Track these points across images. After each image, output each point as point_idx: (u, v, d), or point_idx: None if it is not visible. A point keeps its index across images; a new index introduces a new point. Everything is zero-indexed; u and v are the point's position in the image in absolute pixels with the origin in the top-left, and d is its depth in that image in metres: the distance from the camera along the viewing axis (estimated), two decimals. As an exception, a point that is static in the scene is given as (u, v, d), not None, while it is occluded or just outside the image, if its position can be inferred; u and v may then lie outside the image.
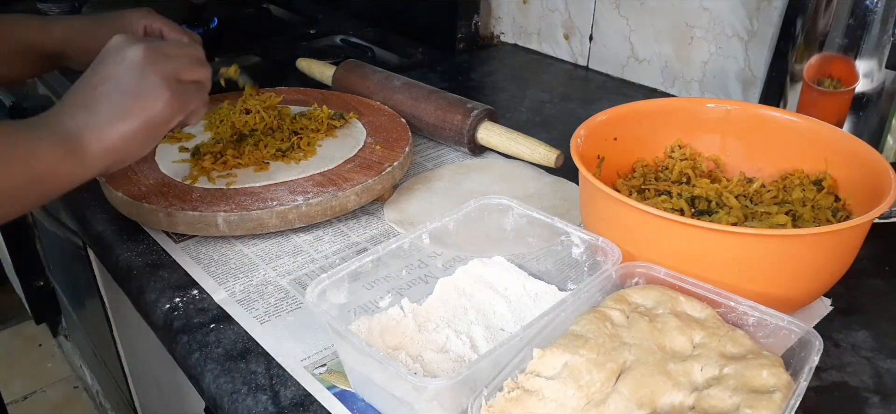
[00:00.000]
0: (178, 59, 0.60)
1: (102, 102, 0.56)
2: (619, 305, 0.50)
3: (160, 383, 0.96)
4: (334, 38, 1.31)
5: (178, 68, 0.60)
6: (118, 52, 0.58)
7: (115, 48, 0.59)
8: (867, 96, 0.68)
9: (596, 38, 1.15)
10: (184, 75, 0.61)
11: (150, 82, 0.58)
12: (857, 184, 0.60)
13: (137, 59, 0.58)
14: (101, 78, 0.57)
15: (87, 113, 0.56)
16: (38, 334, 1.97)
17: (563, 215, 0.66)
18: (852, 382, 0.53)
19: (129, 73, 0.57)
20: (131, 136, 0.57)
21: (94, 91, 0.57)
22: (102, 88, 0.57)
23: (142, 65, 0.58)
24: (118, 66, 0.58)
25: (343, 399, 0.51)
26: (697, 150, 0.70)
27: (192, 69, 0.62)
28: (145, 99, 0.57)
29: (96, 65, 0.59)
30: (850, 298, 0.62)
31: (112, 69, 0.58)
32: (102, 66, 0.58)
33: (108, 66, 0.58)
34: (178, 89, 0.59)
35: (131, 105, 0.57)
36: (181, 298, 0.61)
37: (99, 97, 0.57)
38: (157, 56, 0.59)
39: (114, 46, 0.59)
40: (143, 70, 0.58)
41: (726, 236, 0.50)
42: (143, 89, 0.57)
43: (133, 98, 0.57)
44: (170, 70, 0.59)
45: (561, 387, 0.43)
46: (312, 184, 0.70)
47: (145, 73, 0.58)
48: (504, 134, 0.82)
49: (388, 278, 0.58)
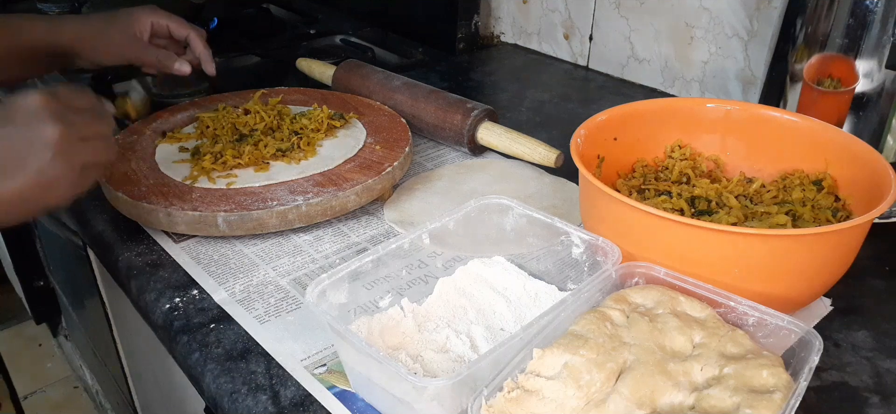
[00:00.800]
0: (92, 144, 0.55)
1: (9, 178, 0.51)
2: (619, 305, 0.50)
3: (160, 383, 0.96)
4: (334, 38, 1.31)
5: (89, 155, 0.55)
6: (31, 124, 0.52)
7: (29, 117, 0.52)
8: (867, 96, 0.68)
9: (596, 38, 1.15)
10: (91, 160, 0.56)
11: (56, 172, 0.53)
12: (857, 184, 0.60)
13: (49, 143, 0.52)
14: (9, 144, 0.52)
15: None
16: (38, 334, 1.97)
17: (563, 215, 0.66)
18: (852, 382, 0.53)
19: (36, 157, 0.52)
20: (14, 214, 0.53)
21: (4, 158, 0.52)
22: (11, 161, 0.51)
23: (53, 151, 0.52)
24: (24, 143, 0.52)
25: (343, 399, 0.51)
26: (697, 150, 0.70)
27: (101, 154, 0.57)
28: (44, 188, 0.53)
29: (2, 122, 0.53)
30: (850, 298, 0.62)
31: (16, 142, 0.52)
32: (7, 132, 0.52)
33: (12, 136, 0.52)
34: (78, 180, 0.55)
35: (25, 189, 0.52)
36: (181, 298, 0.61)
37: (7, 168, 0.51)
38: (71, 144, 0.53)
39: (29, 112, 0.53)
40: (52, 157, 0.52)
41: (726, 236, 0.50)
42: (44, 179, 0.52)
43: (30, 184, 0.52)
44: (81, 158, 0.54)
45: (561, 387, 0.43)
46: (312, 184, 0.70)
47: (54, 161, 0.52)
48: (504, 134, 0.82)
49: (388, 278, 0.58)
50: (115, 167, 0.72)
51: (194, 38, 0.88)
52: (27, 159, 0.52)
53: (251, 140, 0.77)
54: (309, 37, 1.32)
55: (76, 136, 0.54)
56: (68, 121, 0.53)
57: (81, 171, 0.54)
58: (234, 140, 0.78)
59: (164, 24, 0.86)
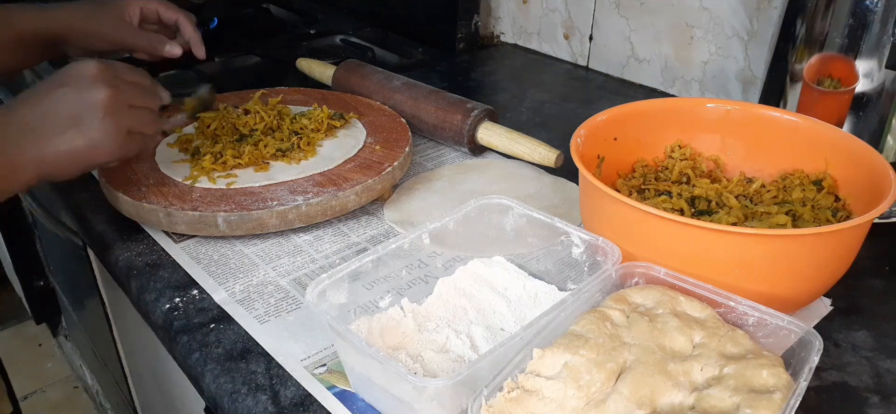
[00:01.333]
0: (138, 112, 0.61)
1: (51, 134, 0.56)
2: (619, 305, 0.50)
3: (160, 383, 0.96)
4: (334, 38, 1.31)
5: (135, 122, 0.61)
6: (84, 87, 0.57)
7: (83, 80, 0.58)
8: (867, 96, 0.68)
9: (596, 38, 1.15)
10: (137, 128, 0.61)
11: (105, 132, 0.58)
12: (857, 184, 0.60)
13: (100, 105, 0.57)
14: (58, 106, 0.57)
15: (33, 137, 0.56)
16: (38, 334, 1.97)
17: (563, 215, 0.66)
18: (852, 382, 0.53)
19: (88, 116, 0.57)
20: (66, 168, 0.58)
21: (46, 117, 0.56)
22: (54, 119, 0.57)
23: (103, 112, 0.57)
24: (78, 103, 0.57)
25: (343, 399, 0.51)
26: (697, 150, 0.70)
27: (147, 124, 0.63)
28: (94, 146, 0.58)
29: (55, 87, 0.57)
30: (850, 298, 0.62)
31: (71, 102, 0.57)
32: (63, 92, 0.57)
33: (68, 96, 0.57)
34: (125, 142, 0.60)
35: (78, 146, 0.57)
36: (181, 298, 0.61)
37: (49, 126, 0.56)
38: (119, 108, 0.59)
39: (83, 76, 0.58)
40: (103, 118, 0.58)
41: (726, 236, 0.50)
42: (95, 137, 0.58)
43: (83, 141, 0.57)
44: (128, 123, 0.60)
45: (561, 387, 0.43)
46: (312, 184, 0.70)
47: (104, 122, 0.58)
48: (504, 134, 0.82)
49: (388, 278, 0.58)
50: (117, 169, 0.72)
51: (184, 22, 0.88)
52: (78, 118, 0.57)
53: (251, 140, 0.77)
54: (309, 37, 1.32)
55: (124, 102, 0.59)
56: (117, 87, 0.58)
57: (127, 136, 0.60)
58: (234, 140, 0.78)
59: (154, 9, 0.87)
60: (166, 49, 0.86)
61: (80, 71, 0.58)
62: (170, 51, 0.86)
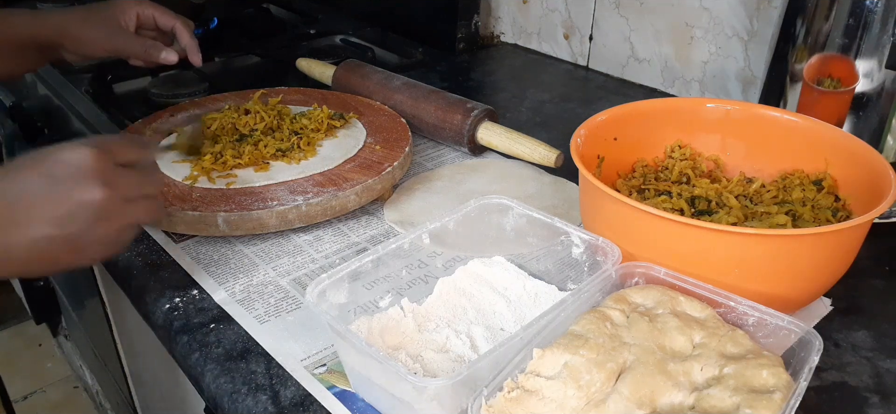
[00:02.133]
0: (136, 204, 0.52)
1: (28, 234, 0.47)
2: (619, 305, 0.50)
3: (160, 383, 0.96)
4: (334, 38, 1.31)
5: (131, 217, 0.52)
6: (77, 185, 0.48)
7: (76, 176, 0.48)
8: (867, 96, 0.68)
9: (596, 38, 1.15)
10: (135, 222, 0.53)
11: (95, 236, 0.49)
12: (857, 184, 0.60)
13: (94, 209, 0.48)
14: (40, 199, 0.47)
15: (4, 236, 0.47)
16: (38, 334, 1.97)
17: (563, 215, 0.66)
18: (852, 382, 0.53)
19: (78, 219, 0.48)
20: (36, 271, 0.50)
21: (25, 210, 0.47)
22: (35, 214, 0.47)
23: (96, 217, 0.49)
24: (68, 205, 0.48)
25: (343, 399, 0.51)
26: (697, 150, 0.70)
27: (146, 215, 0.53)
28: (80, 250, 0.49)
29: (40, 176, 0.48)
30: (850, 298, 0.62)
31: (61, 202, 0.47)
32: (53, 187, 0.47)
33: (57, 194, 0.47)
34: (118, 240, 0.52)
35: (61, 250, 0.49)
36: (181, 298, 0.61)
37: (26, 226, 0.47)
38: (115, 209, 0.50)
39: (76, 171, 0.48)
40: (94, 223, 0.49)
41: (726, 236, 0.50)
42: (84, 244, 0.49)
43: (68, 245, 0.48)
44: (125, 220, 0.51)
45: (561, 387, 0.43)
46: (312, 184, 0.70)
47: (95, 226, 0.49)
48: (504, 134, 0.82)
49: (388, 278, 0.58)
50: None
51: (180, 29, 0.87)
52: (61, 220, 0.47)
53: (251, 140, 0.77)
54: (309, 37, 1.32)
55: (121, 198, 0.50)
56: (114, 182, 0.49)
57: (117, 235, 0.51)
58: (234, 140, 0.78)
59: (150, 15, 0.86)
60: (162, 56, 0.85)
61: (72, 160, 0.48)
62: (166, 58, 0.85)
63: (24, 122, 1.04)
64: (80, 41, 0.81)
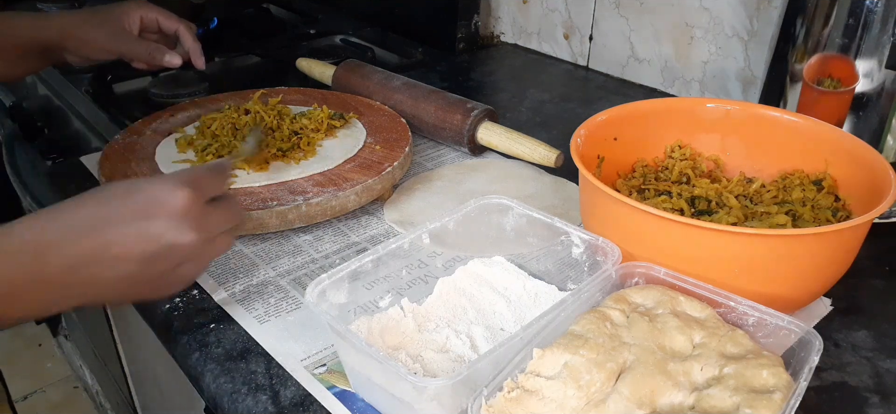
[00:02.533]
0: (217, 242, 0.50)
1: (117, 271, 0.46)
2: (619, 305, 0.50)
3: (160, 383, 0.96)
4: (334, 38, 1.31)
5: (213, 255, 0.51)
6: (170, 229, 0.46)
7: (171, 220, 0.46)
8: (867, 96, 0.68)
9: (596, 38, 1.15)
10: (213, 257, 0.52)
11: (175, 279, 0.49)
12: (857, 184, 0.60)
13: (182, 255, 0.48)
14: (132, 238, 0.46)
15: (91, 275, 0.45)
16: (38, 334, 1.97)
17: (563, 215, 0.66)
18: (852, 382, 0.53)
19: (163, 262, 0.47)
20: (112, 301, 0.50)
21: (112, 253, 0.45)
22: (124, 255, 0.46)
23: (182, 261, 0.48)
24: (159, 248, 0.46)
25: (343, 399, 0.51)
26: (697, 150, 0.70)
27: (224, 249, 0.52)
28: (158, 290, 0.49)
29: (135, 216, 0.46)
30: (850, 298, 0.62)
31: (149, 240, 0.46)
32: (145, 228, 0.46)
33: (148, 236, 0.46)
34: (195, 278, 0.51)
35: (140, 289, 0.48)
36: (181, 298, 0.61)
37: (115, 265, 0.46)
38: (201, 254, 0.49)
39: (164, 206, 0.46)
40: (179, 265, 0.48)
41: (726, 236, 0.50)
42: (172, 279, 0.49)
43: (148, 285, 0.48)
44: (203, 265, 0.51)
45: (561, 387, 0.43)
46: (312, 184, 0.70)
47: (179, 270, 0.48)
48: (504, 134, 0.82)
49: (388, 278, 0.58)
50: (117, 170, 0.72)
51: (184, 32, 0.88)
52: (150, 260, 0.46)
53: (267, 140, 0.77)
54: (309, 37, 1.32)
55: (206, 243, 0.49)
56: (204, 225, 0.48)
57: (198, 272, 0.51)
58: (234, 140, 0.78)
59: (154, 18, 0.86)
60: (166, 59, 0.85)
61: (167, 202, 0.46)
62: (170, 61, 0.85)
63: (24, 122, 1.04)
64: (83, 43, 0.81)
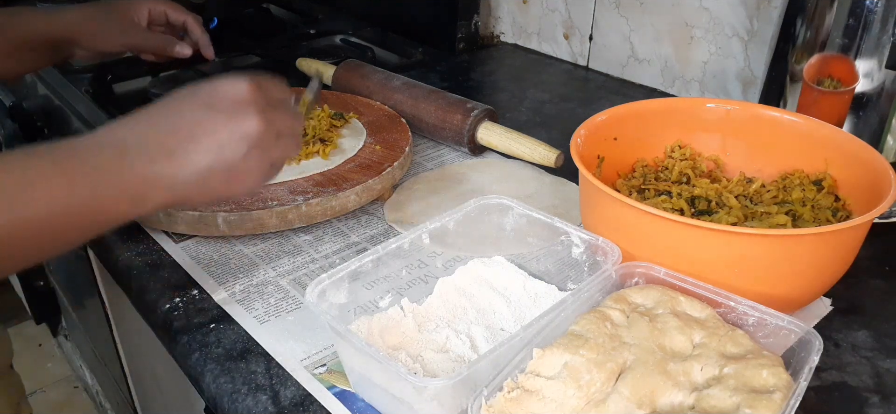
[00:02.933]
0: (285, 140, 0.53)
1: (192, 161, 0.48)
2: (619, 304, 0.50)
3: (160, 383, 0.96)
4: (334, 38, 1.31)
5: (281, 152, 0.53)
6: (235, 113, 0.49)
7: (234, 105, 0.50)
8: (867, 96, 0.68)
9: (596, 38, 1.15)
10: (281, 158, 0.54)
11: (250, 165, 0.50)
12: (857, 184, 0.60)
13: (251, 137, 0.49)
14: (204, 130, 0.48)
15: (170, 165, 0.48)
16: (38, 334, 1.97)
17: (563, 215, 0.66)
18: (852, 382, 0.53)
19: (235, 147, 0.49)
20: (198, 199, 0.51)
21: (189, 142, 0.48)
22: (198, 145, 0.48)
23: (252, 145, 0.50)
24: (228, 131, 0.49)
25: (343, 399, 0.51)
26: (697, 150, 0.70)
27: (293, 151, 0.55)
28: (236, 178, 0.50)
29: (202, 108, 0.49)
30: (850, 298, 0.62)
31: (220, 129, 0.49)
32: (212, 116, 0.49)
33: (217, 122, 0.49)
34: (266, 174, 0.53)
35: (220, 178, 0.50)
36: (181, 298, 0.61)
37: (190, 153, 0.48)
38: (269, 140, 0.51)
39: (234, 100, 0.50)
40: (250, 150, 0.50)
41: (726, 236, 0.50)
42: (239, 169, 0.50)
43: (226, 173, 0.50)
44: (274, 154, 0.52)
45: (561, 387, 0.43)
46: (312, 184, 0.70)
47: (250, 155, 0.50)
48: (504, 134, 0.82)
49: (388, 278, 0.58)
50: None
51: (192, 24, 0.89)
52: (222, 147, 0.49)
53: None
54: (309, 37, 1.32)
55: (273, 133, 0.51)
56: (268, 116, 0.51)
57: (269, 169, 0.53)
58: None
59: (162, 10, 0.87)
60: (177, 50, 0.87)
61: (231, 92, 0.50)
62: (180, 51, 0.87)
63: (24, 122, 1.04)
64: (94, 37, 0.82)
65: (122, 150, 0.47)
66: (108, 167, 0.46)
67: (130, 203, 0.47)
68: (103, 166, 0.46)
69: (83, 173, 0.45)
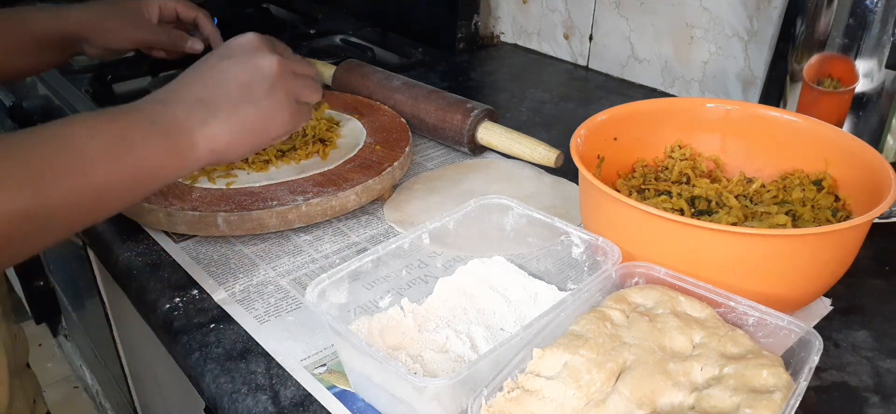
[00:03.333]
0: (303, 80, 0.59)
1: (224, 106, 0.53)
2: (619, 304, 0.50)
3: (160, 383, 0.96)
4: (334, 38, 1.31)
5: (301, 90, 0.58)
6: (251, 56, 0.55)
7: (248, 49, 0.56)
8: (867, 96, 0.68)
9: (596, 38, 1.15)
10: (303, 97, 0.59)
11: (278, 101, 0.56)
12: (857, 184, 0.60)
13: (271, 72, 0.55)
14: (228, 77, 0.54)
15: (205, 112, 0.53)
16: (39, 334, 1.97)
17: (563, 215, 0.66)
18: (852, 382, 0.53)
19: (259, 85, 0.55)
20: (240, 145, 0.55)
21: (218, 89, 0.54)
22: (226, 90, 0.54)
23: (274, 79, 0.55)
24: (249, 71, 0.55)
25: (343, 399, 0.51)
26: (697, 150, 0.70)
27: (312, 93, 0.60)
28: (269, 117, 0.55)
29: (221, 60, 0.55)
30: (850, 298, 0.62)
31: (241, 72, 0.54)
32: (231, 63, 0.55)
33: (237, 66, 0.55)
34: (296, 112, 0.58)
35: (253, 118, 0.54)
36: (181, 298, 0.61)
37: (221, 98, 0.53)
38: (287, 75, 0.56)
39: (247, 47, 0.56)
40: (273, 85, 0.55)
41: (726, 236, 0.50)
42: (269, 106, 0.55)
43: (257, 112, 0.55)
44: (296, 91, 0.57)
45: (561, 387, 0.43)
46: (312, 184, 0.70)
47: (275, 89, 0.55)
48: (504, 134, 0.82)
49: (388, 278, 0.58)
50: None
51: (202, 19, 0.90)
52: (250, 87, 0.54)
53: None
54: (309, 37, 1.32)
55: (290, 70, 0.57)
56: (282, 53, 0.57)
57: (296, 105, 0.58)
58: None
59: (172, 7, 0.88)
60: (188, 45, 0.87)
61: (241, 43, 0.56)
62: (192, 46, 0.87)
63: (23, 122, 1.04)
64: (105, 34, 0.82)
65: (166, 109, 0.52)
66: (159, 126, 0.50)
67: (183, 157, 0.52)
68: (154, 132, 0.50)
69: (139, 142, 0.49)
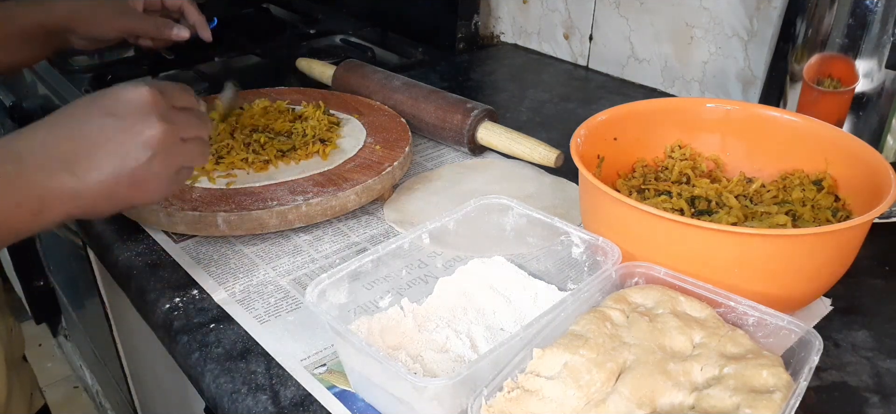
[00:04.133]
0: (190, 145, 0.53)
1: (90, 171, 0.47)
2: (619, 304, 0.50)
3: (160, 383, 0.96)
4: (334, 38, 1.31)
5: (185, 158, 0.53)
6: (137, 120, 0.49)
7: (135, 110, 0.49)
8: (867, 96, 0.68)
9: (596, 38, 1.15)
10: (187, 163, 0.53)
11: (152, 172, 0.50)
12: (857, 184, 0.60)
13: (152, 143, 0.49)
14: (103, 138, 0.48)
15: (66, 172, 0.47)
16: (39, 334, 1.97)
17: (563, 215, 0.66)
18: (852, 382, 0.53)
19: (136, 154, 0.49)
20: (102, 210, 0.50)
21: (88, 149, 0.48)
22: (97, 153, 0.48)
23: (154, 151, 0.49)
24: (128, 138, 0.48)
25: (343, 399, 0.51)
26: (697, 150, 0.70)
27: (197, 158, 0.54)
28: (138, 186, 0.50)
29: (103, 115, 0.49)
30: (850, 298, 0.62)
31: (120, 134, 0.48)
32: (111, 123, 0.48)
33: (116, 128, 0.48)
34: (172, 181, 0.52)
35: (121, 186, 0.49)
36: (181, 298, 0.61)
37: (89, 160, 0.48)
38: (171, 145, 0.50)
39: (135, 106, 0.49)
40: (151, 157, 0.49)
41: (726, 236, 0.50)
42: (141, 177, 0.49)
43: (127, 180, 0.49)
44: (178, 161, 0.52)
45: (561, 387, 0.43)
46: (312, 184, 0.70)
47: (152, 161, 0.49)
48: (504, 134, 0.82)
49: (388, 278, 0.58)
50: None
51: (188, 7, 0.89)
52: (124, 156, 0.48)
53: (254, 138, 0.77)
54: (309, 37, 1.32)
55: (177, 138, 0.51)
56: (171, 120, 0.50)
57: (175, 175, 0.52)
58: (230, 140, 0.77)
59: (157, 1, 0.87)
60: (174, 32, 0.85)
61: (130, 98, 0.49)
62: (177, 33, 0.86)
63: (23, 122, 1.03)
64: (91, 24, 0.81)
65: (18, 163, 0.46)
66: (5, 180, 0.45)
67: (32, 215, 0.46)
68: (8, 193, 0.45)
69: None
